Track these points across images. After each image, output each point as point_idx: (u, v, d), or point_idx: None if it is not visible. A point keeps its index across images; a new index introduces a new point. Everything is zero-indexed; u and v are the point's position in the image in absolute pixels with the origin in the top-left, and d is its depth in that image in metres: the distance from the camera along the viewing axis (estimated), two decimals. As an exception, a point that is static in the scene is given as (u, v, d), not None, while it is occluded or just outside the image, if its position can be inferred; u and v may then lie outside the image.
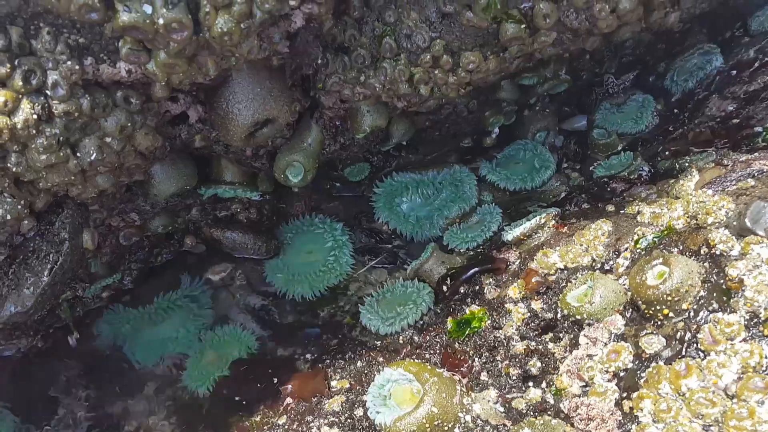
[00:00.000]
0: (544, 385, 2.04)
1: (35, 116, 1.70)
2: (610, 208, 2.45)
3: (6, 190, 1.80)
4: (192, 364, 2.53)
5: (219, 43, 1.79)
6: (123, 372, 2.56)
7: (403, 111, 2.52)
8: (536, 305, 2.21)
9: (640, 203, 2.35)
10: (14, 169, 1.76)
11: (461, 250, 2.59)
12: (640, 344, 1.92)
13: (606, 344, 1.99)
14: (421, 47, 2.23)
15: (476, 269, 2.41)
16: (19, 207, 1.83)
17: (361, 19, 2.21)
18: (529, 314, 2.20)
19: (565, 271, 2.23)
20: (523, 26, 2.21)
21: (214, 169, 2.54)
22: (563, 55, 2.56)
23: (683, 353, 1.82)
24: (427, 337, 2.33)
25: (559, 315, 2.14)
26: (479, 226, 2.64)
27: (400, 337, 2.38)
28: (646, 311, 1.95)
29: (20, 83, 1.69)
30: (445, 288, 2.46)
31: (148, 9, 1.66)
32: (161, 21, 1.68)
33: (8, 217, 1.81)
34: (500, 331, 2.21)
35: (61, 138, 1.77)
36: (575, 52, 2.62)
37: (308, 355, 2.48)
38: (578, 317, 2.06)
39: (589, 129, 3.02)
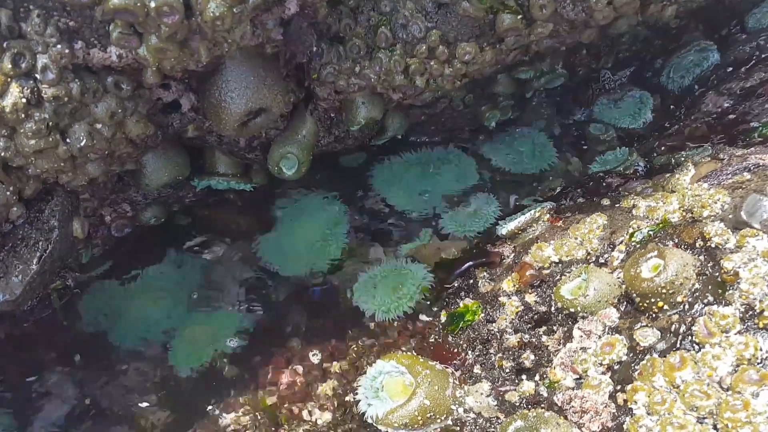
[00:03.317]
0: (537, 378, 2.02)
1: (24, 100, 1.68)
2: (606, 202, 2.44)
3: (-5, 176, 1.78)
4: (178, 344, 2.47)
5: (211, 28, 1.77)
6: (109, 352, 2.50)
7: (398, 103, 2.50)
8: (530, 298, 2.19)
9: (635, 197, 2.34)
10: (2, 154, 1.74)
11: (459, 237, 2.58)
12: (634, 337, 1.90)
13: (600, 337, 1.98)
14: (417, 37, 2.22)
15: (470, 263, 2.40)
16: (8, 193, 1.81)
17: (356, 9, 2.20)
18: (522, 307, 2.18)
19: (560, 265, 2.21)
20: (519, 17, 2.20)
21: (208, 161, 2.52)
22: (560, 48, 2.55)
23: (678, 346, 1.81)
24: (421, 330, 2.31)
25: (553, 308, 2.12)
26: (477, 216, 2.64)
27: (395, 323, 2.36)
28: (640, 304, 1.94)
29: (9, 66, 1.66)
30: (439, 275, 2.45)
31: (139, -8, 1.64)
32: (152, 4, 1.66)
33: (-3, 204, 1.79)
34: (494, 324, 2.20)
35: (51, 123, 1.75)
36: (572, 45, 2.61)
37: (301, 335, 2.44)
38: (572, 310, 2.05)
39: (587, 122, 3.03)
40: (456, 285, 2.39)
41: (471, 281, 2.37)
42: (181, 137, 2.29)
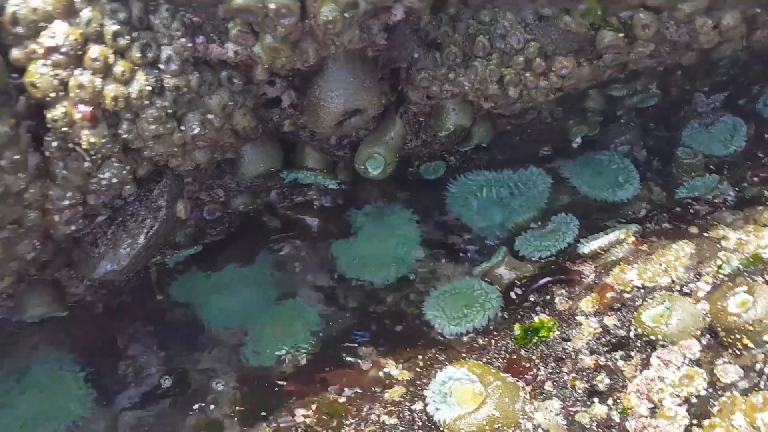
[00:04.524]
0: (610, 402, 2.00)
1: (149, 88, 1.81)
2: (693, 230, 2.38)
3: (114, 155, 1.91)
4: (257, 335, 2.59)
5: (322, 31, 1.84)
6: (193, 333, 2.65)
7: (487, 112, 2.52)
8: (609, 321, 2.17)
9: (725, 228, 2.28)
10: (125, 136, 1.88)
11: (533, 258, 2.57)
12: (715, 372, 1.86)
13: (679, 368, 1.95)
14: (515, 48, 2.23)
15: (549, 278, 2.39)
16: (125, 172, 1.95)
17: (456, 17, 2.23)
18: (600, 329, 2.17)
19: (642, 290, 2.18)
20: (621, 35, 2.17)
21: (298, 155, 2.61)
22: (657, 68, 2.50)
23: (761, 386, 1.76)
24: (492, 341, 2.33)
25: (632, 333, 2.10)
26: (554, 236, 2.61)
27: (464, 337, 2.39)
28: (724, 339, 1.90)
29: (138, 55, 1.79)
30: (513, 294, 2.45)
31: (262, -7, 1.73)
32: (272, 5, 1.74)
33: (114, 180, 1.93)
34: (569, 343, 2.19)
35: (170, 111, 1.87)
36: (669, 66, 2.55)
37: (370, 341, 2.50)
38: (652, 337, 2.02)
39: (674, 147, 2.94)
40: (532, 299, 2.39)
41: (548, 297, 2.37)
42: (278, 131, 2.39)
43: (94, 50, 1.74)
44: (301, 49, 1.91)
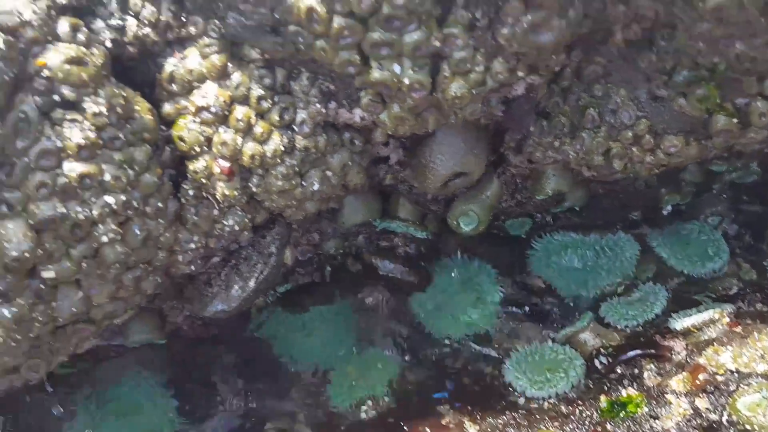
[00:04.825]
0: (700, 487, 2.00)
1: (282, 148, 1.92)
2: (791, 315, 2.35)
3: (239, 205, 2.03)
4: (336, 380, 2.67)
5: (449, 105, 1.92)
6: (274, 371, 2.75)
7: (585, 178, 2.55)
8: (701, 403, 2.16)
9: (825, 316, 2.24)
10: (253, 189, 1.99)
11: (618, 326, 2.57)
12: (814, 471, 1.84)
13: (775, 462, 1.92)
14: (625, 124, 2.26)
15: (638, 352, 2.39)
16: (246, 220, 2.07)
17: (568, 89, 2.27)
18: (691, 411, 2.16)
19: (736, 374, 2.16)
20: (735, 120, 2.18)
21: (392, 205, 2.69)
22: (764, 149, 2.48)
23: None
24: (576, 410, 2.34)
25: (725, 419, 2.08)
26: (641, 305, 2.61)
27: (546, 403, 2.40)
28: (825, 437, 1.87)
29: (276, 117, 1.91)
30: (598, 363, 2.46)
31: (398, 69, 1.82)
32: (406, 81, 1.83)
33: (236, 227, 2.05)
34: (657, 421, 2.18)
35: (296, 169, 1.98)
36: (774, 148, 2.53)
37: (448, 397, 2.54)
38: (747, 427, 2.00)
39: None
40: (619, 371, 2.40)
41: (636, 371, 2.37)
42: (379, 184, 2.48)
43: (239, 111, 1.87)
44: (423, 118, 2.00)
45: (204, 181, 1.94)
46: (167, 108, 1.91)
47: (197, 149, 1.90)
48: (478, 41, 1.82)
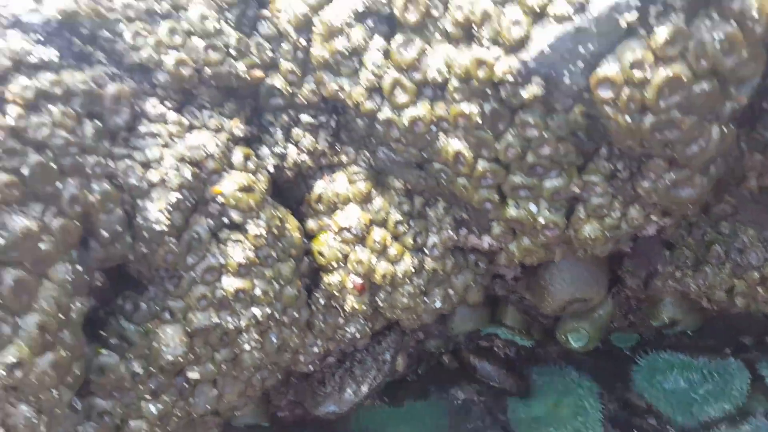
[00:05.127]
0: None
1: (412, 269, 2.01)
2: None
3: (363, 315, 2.13)
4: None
5: (580, 243, 1.95)
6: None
7: (702, 307, 2.49)
8: None
9: None
10: (380, 304, 2.09)
11: (728, 463, 2.46)
12: None
13: None
14: (752, 264, 2.21)
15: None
16: (367, 329, 2.16)
17: (694, 223, 2.26)
18: None
19: None
20: None
21: (499, 311, 2.72)
22: None
23: None
24: None
25: None
26: (754, 443, 2.49)
27: None
28: None
29: (410, 241, 2.01)
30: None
31: (533, 208, 1.88)
32: (541, 220, 1.89)
33: (357, 335, 2.15)
34: None
35: (422, 288, 2.06)
36: None
37: None
38: None
39: None
40: None
41: None
42: (492, 295, 2.52)
43: (377, 233, 1.98)
44: (551, 251, 2.03)
45: (336, 293, 2.05)
46: (311, 224, 2.05)
47: (334, 264, 2.01)
48: (616, 189, 1.85)
